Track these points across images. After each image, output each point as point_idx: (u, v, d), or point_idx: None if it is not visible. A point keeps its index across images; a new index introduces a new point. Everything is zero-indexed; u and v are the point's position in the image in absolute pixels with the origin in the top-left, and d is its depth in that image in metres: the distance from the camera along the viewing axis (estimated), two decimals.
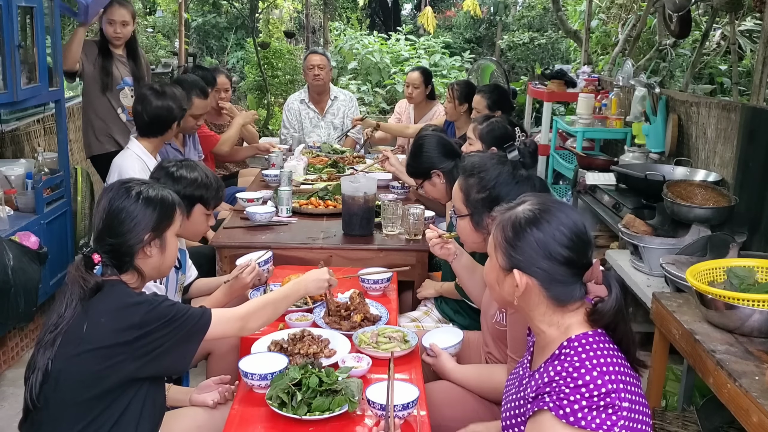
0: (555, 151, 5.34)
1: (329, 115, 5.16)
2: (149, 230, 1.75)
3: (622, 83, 4.82)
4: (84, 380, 1.60)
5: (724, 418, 2.19)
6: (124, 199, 1.75)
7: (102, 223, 1.74)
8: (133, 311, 1.62)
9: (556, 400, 1.31)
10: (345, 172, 4.17)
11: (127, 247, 1.73)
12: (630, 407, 1.32)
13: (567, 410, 1.30)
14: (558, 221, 1.41)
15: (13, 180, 3.54)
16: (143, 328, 1.61)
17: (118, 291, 1.68)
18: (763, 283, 2.03)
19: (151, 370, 1.67)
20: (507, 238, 1.44)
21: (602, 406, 1.29)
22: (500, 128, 3.06)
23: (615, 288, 1.41)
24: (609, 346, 1.39)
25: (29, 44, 3.56)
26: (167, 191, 1.84)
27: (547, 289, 1.42)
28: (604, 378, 1.31)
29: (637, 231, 2.96)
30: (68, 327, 1.62)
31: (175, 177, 2.36)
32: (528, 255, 1.41)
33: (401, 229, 3.03)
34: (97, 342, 1.60)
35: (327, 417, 1.69)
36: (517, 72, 10.90)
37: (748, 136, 3.21)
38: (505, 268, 1.45)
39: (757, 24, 5.57)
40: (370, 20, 15.49)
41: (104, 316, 1.62)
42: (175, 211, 1.83)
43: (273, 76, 9.43)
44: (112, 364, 1.60)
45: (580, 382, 1.31)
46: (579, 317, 1.43)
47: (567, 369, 1.34)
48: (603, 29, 7.30)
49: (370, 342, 2.08)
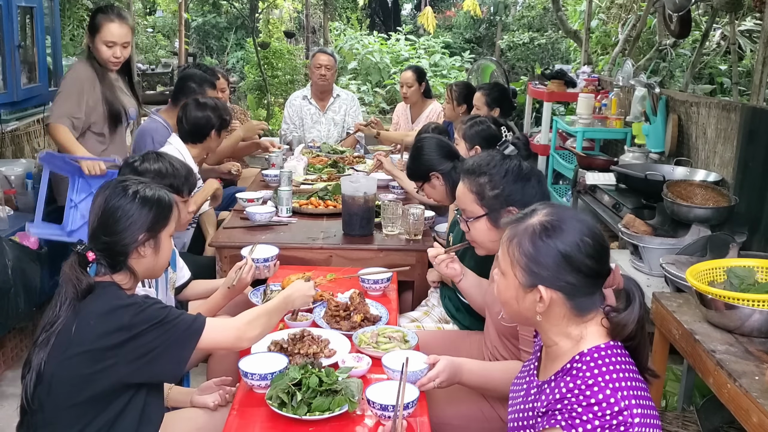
0: (555, 151, 5.34)
1: (330, 111, 5.19)
2: (144, 230, 1.73)
3: (622, 83, 4.82)
4: (75, 383, 1.59)
5: (724, 418, 2.20)
6: (121, 197, 1.72)
7: (97, 221, 1.72)
8: (122, 313, 1.60)
9: (568, 419, 1.29)
10: (345, 172, 4.17)
11: (122, 246, 1.71)
12: (641, 422, 1.30)
13: (579, 429, 1.28)
14: (578, 231, 1.37)
15: (13, 180, 3.54)
16: (132, 330, 1.59)
17: (109, 293, 1.66)
18: (763, 283, 2.03)
19: (144, 376, 1.64)
20: (526, 253, 1.37)
21: (614, 425, 1.27)
22: (484, 128, 3.07)
23: (638, 296, 1.38)
24: (621, 359, 1.36)
25: (29, 44, 3.56)
26: (164, 191, 1.82)
27: (571, 301, 1.37)
28: (617, 396, 1.28)
29: (637, 231, 2.96)
30: (61, 327, 1.61)
31: (139, 171, 2.31)
32: (552, 269, 1.35)
33: (401, 229, 3.03)
34: (86, 344, 1.58)
35: (327, 417, 1.69)
36: (517, 72, 10.91)
37: (748, 136, 3.21)
38: (526, 285, 1.38)
39: (757, 24, 5.57)
40: (370, 20, 15.51)
41: (93, 318, 1.60)
42: (171, 211, 1.81)
43: (273, 76, 9.44)
44: (102, 367, 1.58)
45: (592, 401, 1.28)
46: (594, 327, 1.39)
47: (579, 386, 1.31)
48: (603, 29, 7.31)
49: (370, 342, 2.08)
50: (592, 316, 1.40)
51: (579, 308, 1.38)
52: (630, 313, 1.36)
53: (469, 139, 3.09)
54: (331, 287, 2.51)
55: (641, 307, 1.38)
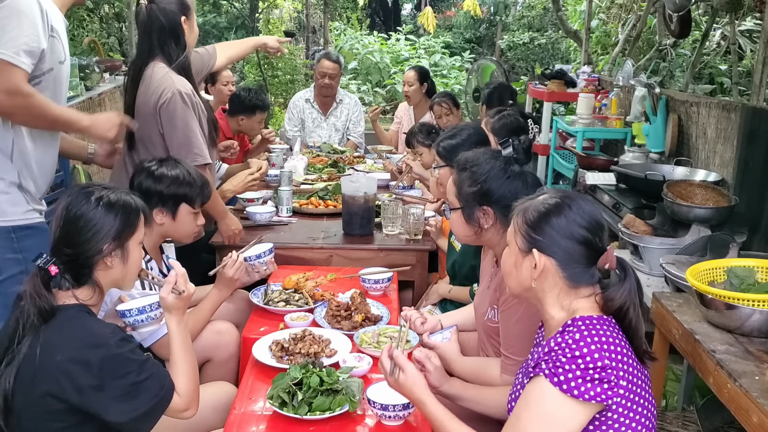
0: (555, 151, 5.35)
1: (332, 117, 5.16)
2: (110, 239, 1.61)
3: (622, 83, 4.82)
4: (45, 420, 1.50)
5: (724, 418, 2.20)
6: (83, 204, 1.60)
7: (59, 231, 1.59)
8: (90, 355, 1.48)
9: (552, 368, 1.36)
10: (345, 172, 4.17)
11: (86, 258, 1.59)
12: (628, 388, 1.36)
13: (561, 378, 1.34)
14: (578, 207, 1.50)
15: None
16: (98, 379, 1.47)
17: (76, 323, 1.54)
18: (763, 283, 2.03)
19: (99, 411, 1.49)
20: (528, 221, 1.51)
21: (597, 379, 1.33)
22: (512, 120, 3.06)
23: (630, 272, 1.46)
24: (612, 332, 1.41)
25: None
26: (131, 196, 1.71)
27: (564, 269, 1.47)
28: (602, 353, 1.35)
29: (637, 231, 2.96)
30: (25, 353, 1.49)
31: (156, 176, 2.27)
32: (549, 236, 1.48)
33: (401, 228, 3.04)
34: (51, 382, 1.47)
35: (328, 417, 1.69)
36: (517, 72, 10.90)
37: (748, 136, 3.21)
38: (524, 250, 1.52)
39: (757, 24, 5.57)
40: (370, 20, 15.51)
41: (60, 354, 1.48)
42: (138, 217, 1.69)
43: (273, 76, 9.44)
44: (68, 407, 1.49)
45: (577, 353, 1.35)
46: (588, 303, 1.47)
47: (566, 341, 1.38)
48: (603, 29, 7.31)
49: (371, 342, 2.08)
50: (587, 293, 1.48)
51: (572, 279, 1.48)
52: (619, 287, 1.44)
53: (497, 133, 3.06)
54: (331, 287, 2.51)
55: (634, 286, 1.45)
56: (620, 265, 1.48)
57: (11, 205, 2.17)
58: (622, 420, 1.37)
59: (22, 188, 2.20)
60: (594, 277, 1.48)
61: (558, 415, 1.35)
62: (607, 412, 1.37)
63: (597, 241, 1.48)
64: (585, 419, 1.36)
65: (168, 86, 2.51)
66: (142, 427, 1.59)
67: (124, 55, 7.70)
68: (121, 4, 7.53)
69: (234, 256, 2.38)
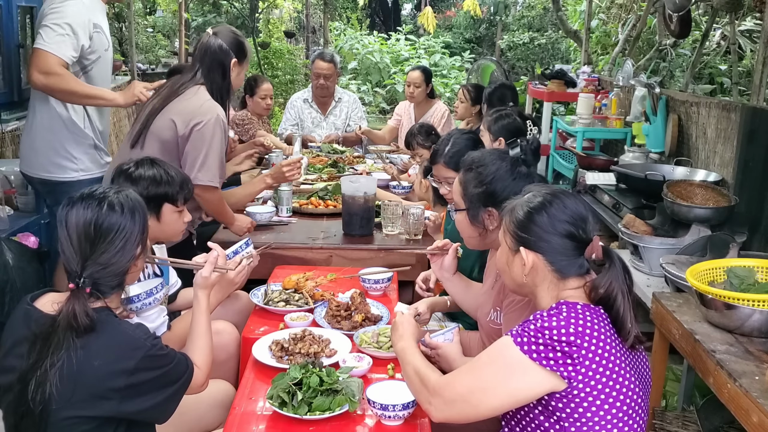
0: (555, 151, 5.35)
1: (332, 116, 5.16)
2: (138, 242, 1.60)
3: (622, 83, 4.83)
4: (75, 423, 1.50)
5: (724, 418, 2.20)
6: (107, 215, 1.56)
7: (89, 248, 1.54)
8: (128, 356, 1.50)
9: (520, 332, 1.43)
10: (345, 172, 4.17)
11: (121, 267, 1.57)
12: (599, 372, 1.38)
13: (524, 339, 1.41)
14: (560, 202, 1.55)
15: (13, 180, 3.54)
16: (134, 375, 1.50)
17: (110, 328, 1.53)
18: (763, 283, 2.03)
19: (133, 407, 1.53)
20: (515, 221, 1.58)
21: (559, 351, 1.38)
22: (510, 121, 3.05)
23: (615, 259, 1.50)
24: (596, 319, 1.44)
25: (29, 44, 3.56)
26: (131, 191, 1.70)
27: (551, 263, 1.53)
28: (572, 331, 1.39)
29: (637, 231, 2.96)
30: (63, 365, 1.47)
31: (133, 178, 2.20)
32: (534, 233, 1.54)
33: (401, 229, 3.04)
34: (90, 387, 1.48)
35: (327, 417, 1.69)
36: (517, 72, 10.92)
37: (748, 136, 3.21)
38: (513, 249, 1.59)
39: (757, 24, 5.57)
40: (370, 20, 15.52)
41: (98, 359, 1.48)
42: (146, 209, 1.69)
43: (273, 76, 9.45)
44: (100, 407, 1.50)
45: (545, 325, 1.41)
46: (578, 293, 1.52)
47: (542, 314, 1.45)
48: (603, 29, 7.31)
49: (371, 342, 2.08)
50: (576, 284, 1.53)
51: (561, 272, 1.53)
52: (604, 274, 1.48)
53: (494, 132, 3.07)
54: (331, 287, 2.51)
55: (621, 273, 1.48)
56: (606, 253, 1.52)
57: (92, 162, 3.04)
58: (586, 405, 1.39)
59: (97, 148, 3.06)
60: (583, 267, 1.53)
61: (514, 366, 1.41)
62: (571, 392, 1.38)
63: (581, 233, 1.53)
64: (537, 385, 1.40)
65: (211, 111, 2.69)
66: (169, 407, 1.63)
67: (124, 55, 7.70)
68: (122, 5, 7.53)
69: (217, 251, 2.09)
